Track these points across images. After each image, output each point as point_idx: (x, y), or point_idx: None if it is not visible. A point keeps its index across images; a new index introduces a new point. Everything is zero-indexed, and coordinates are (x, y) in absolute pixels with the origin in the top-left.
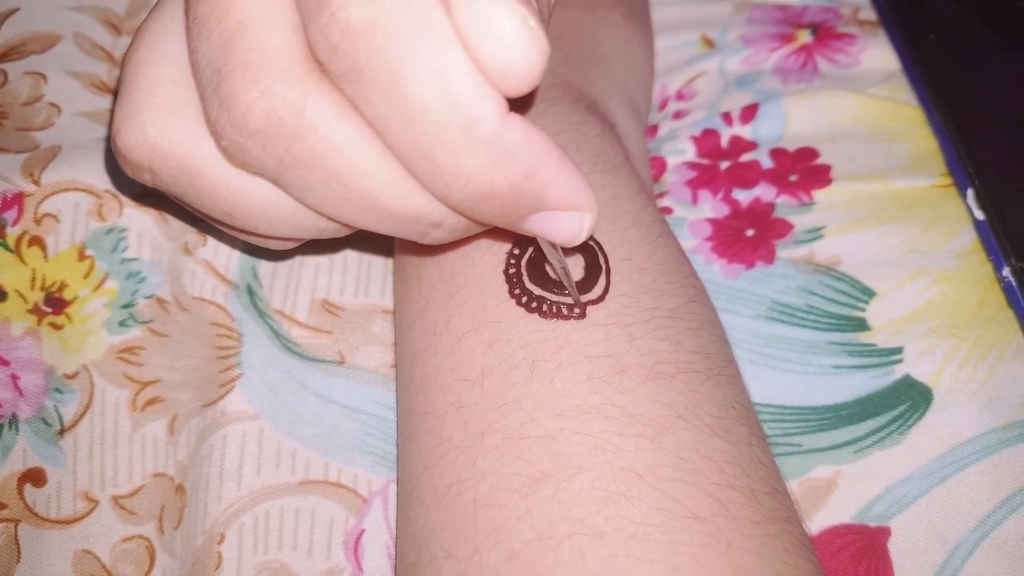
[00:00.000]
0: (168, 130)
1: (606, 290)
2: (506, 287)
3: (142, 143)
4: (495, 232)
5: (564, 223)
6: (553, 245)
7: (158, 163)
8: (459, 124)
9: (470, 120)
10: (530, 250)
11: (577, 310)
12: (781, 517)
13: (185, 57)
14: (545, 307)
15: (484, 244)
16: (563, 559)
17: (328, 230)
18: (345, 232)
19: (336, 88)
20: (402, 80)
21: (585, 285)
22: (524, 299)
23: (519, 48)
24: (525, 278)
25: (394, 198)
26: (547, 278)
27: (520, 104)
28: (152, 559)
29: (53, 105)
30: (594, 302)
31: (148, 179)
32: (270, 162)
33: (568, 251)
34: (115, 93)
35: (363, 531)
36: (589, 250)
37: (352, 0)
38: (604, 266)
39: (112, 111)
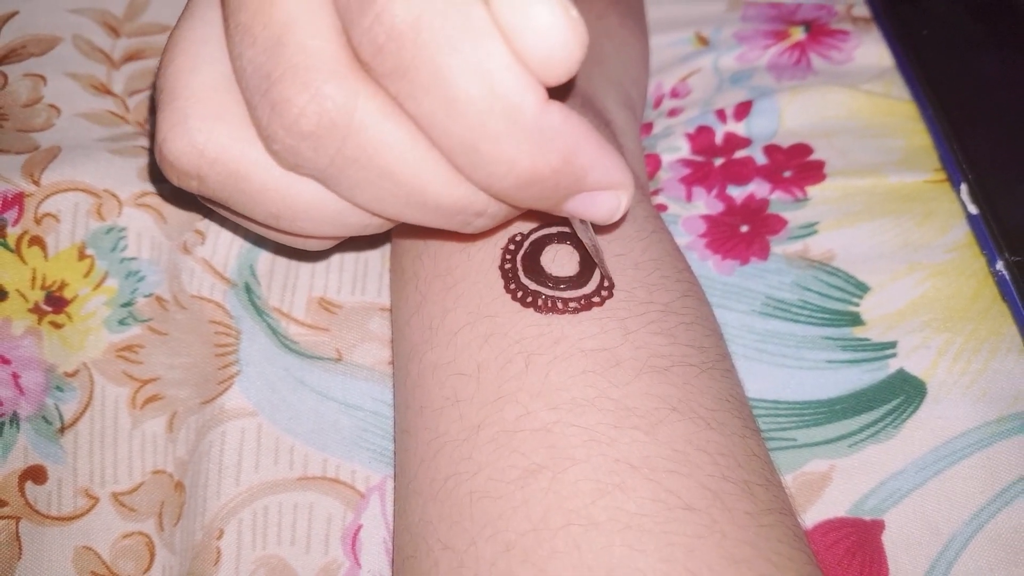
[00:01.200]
0: (215, 135)
1: (607, 288)
2: (502, 282)
3: (190, 149)
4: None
5: (603, 202)
6: (584, 224)
7: (206, 169)
8: (502, 113)
9: (513, 109)
10: (526, 245)
11: (573, 304)
12: (775, 508)
13: (223, 62)
14: (540, 302)
15: (479, 240)
16: (558, 549)
17: (372, 226)
18: (388, 227)
19: (381, 87)
20: (446, 75)
21: (579, 280)
22: (520, 294)
23: (558, 37)
24: (520, 273)
25: (441, 191)
26: (542, 273)
27: (558, 93)
28: (152, 555)
29: (52, 107)
30: (599, 303)
31: (195, 186)
32: (321, 163)
33: (563, 246)
34: (153, 104)
35: (361, 526)
36: (583, 246)
37: (395, 1)
38: (599, 261)
39: (154, 122)
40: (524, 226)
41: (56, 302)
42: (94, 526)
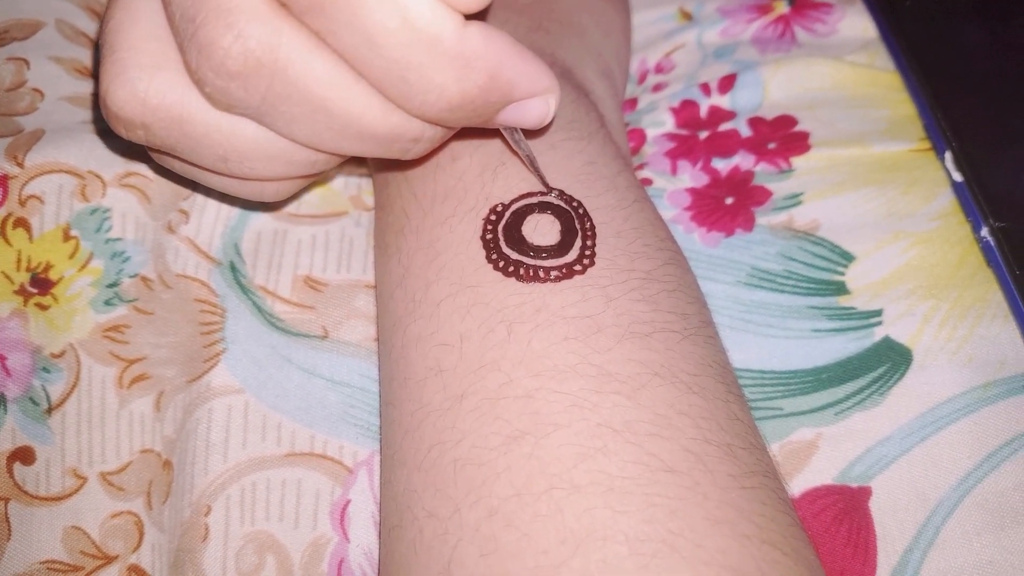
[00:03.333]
0: (155, 83)
1: (588, 256)
2: (483, 252)
3: (132, 98)
4: (470, 199)
5: (533, 109)
6: (515, 134)
7: (150, 116)
8: (422, 43)
9: (432, 37)
10: (507, 215)
11: (554, 273)
12: (758, 471)
13: (160, 13)
14: (522, 271)
15: (461, 212)
16: (541, 513)
17: (319, 162)
18: (336, 162)
19: (304, 24)
20: (362, 10)
21: (561, 249)
22: (501, 263)
23: None
24: (502, 243)
25: (375, 119)
26: (524, 242)
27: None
28: (141, 534)
29: (36, 90)
30: (580, 271)
31: (142, 135)
32: (253, 101)
33: (544, 215)
34: (97, 60)
35: (349, 501)
36: (565, 214)
37: None
38: (580, 230)
39: (97, 75)
40: (505, 197)
41: (42, 284)
42: (83, 506)
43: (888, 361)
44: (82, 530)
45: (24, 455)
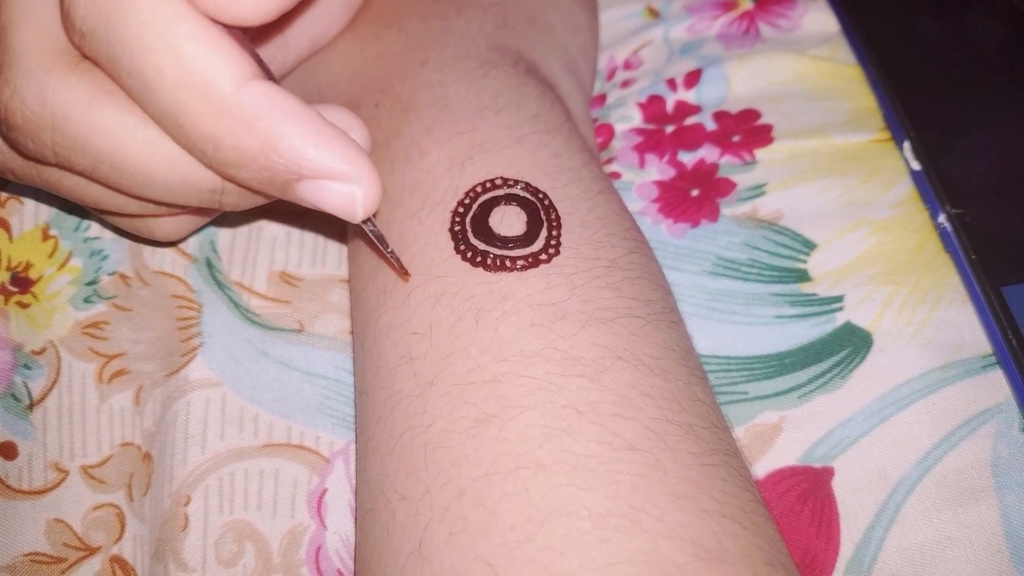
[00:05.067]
0: None
1: (554, 246)
2: (451, 244)
3: None
4: (438, 192)
5: (334, 195)
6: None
7: (9, 163)
8: (194, 89)
9: (204, 85)
10: (474, 207)
11: (521, 262)
12: (719, 450)
13: None
14: (489, 260)
15: (429, 205)
16: (508, 492)
17: (148, 207)
18: (154, 209)
19: (100, 74)
20: (139, 53)
21: (527, 239)
22: (469, 254)
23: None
24: (470, 234)
25: (162, 170)
26: (491, 233)
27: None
28: (122, 525)
29: None
30: (546, 260)
31: (12, 177)
32: (47, 152)
33: (510, 207)
34: None
35: (326, 490)
36: (531, 205)
37: None
38: (546, 221)
39: None
40: (473, 189)
41: (22, 283)
42: (65, 499)
43: (849, 345)
44: (65, 522)
45: (6, 450)
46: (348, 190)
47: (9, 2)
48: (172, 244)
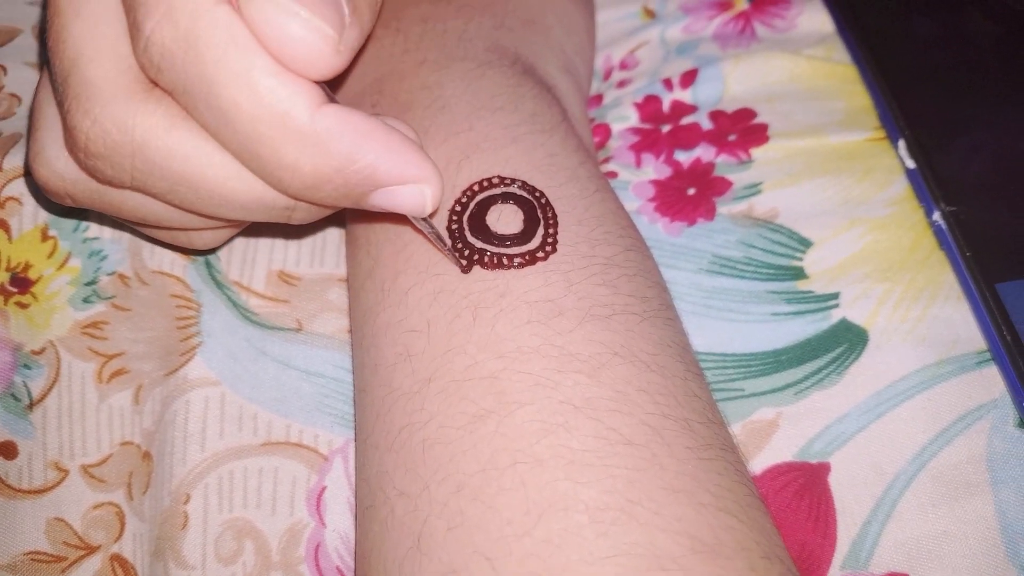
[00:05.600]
0: (70, 161)
1: (551, 243)
2: (449, 242)
3: (52, 176)
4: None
5: (406, 197)
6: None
7: (71, 189)
8: (271, 121)
9: (281, 115)
10: (471, 206)
11: (518, 260)
12: (716, 444)
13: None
14: (487, 259)
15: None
16: (506, 487)
17: (210, 222)
18: (216, 224)
19: (174, 101)
20: (216, 88)
21: (524, 237)
22: (466, 252)
23: (313, 46)
24: (467, 232)
25: (239, 191)
26: (488, 231)
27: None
28: (122, 524)
29: (14, 96)
30: (543, 258)
31: (71, 202)
32: (125, 177)
33: (507, 205)
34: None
35: (325, 488)
36: (528, 204)
37: (162, 23)
38: (543, 219)
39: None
40: (470, 188)
41: (21, 283)
42: (65, 498)
43: (845, 342)
44: (65, 521)
45: (7, 449)
46: (418, 190)
47: (75, 35)
48: (211, 252)
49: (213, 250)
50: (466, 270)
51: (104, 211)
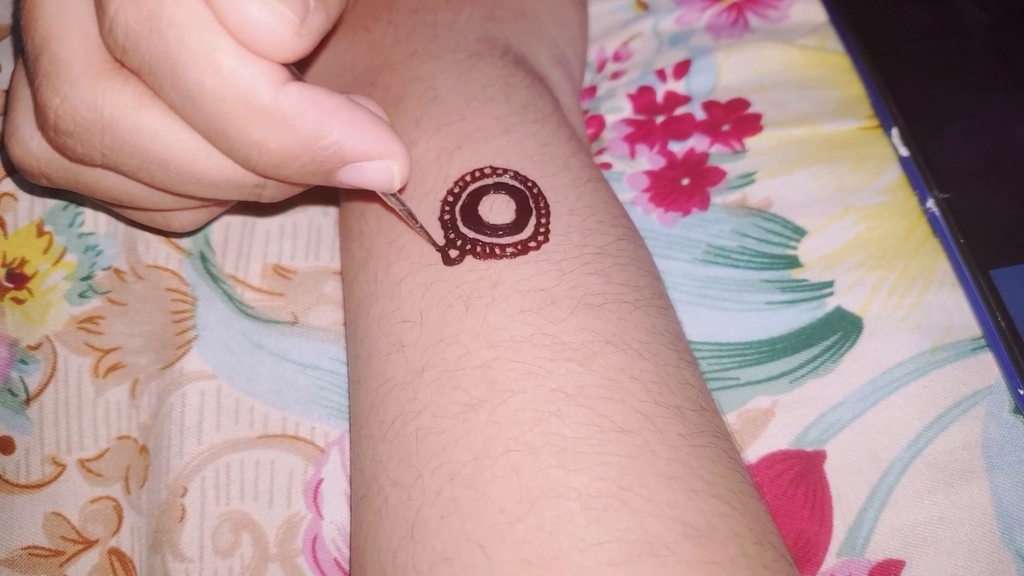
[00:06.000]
0: (43, 140)
1: (543, 233)
2: (441, 232)
3: (28, 156)
4: (428, 182)
5: (374, 173)
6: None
7: (45, 168)
8: (235, 100)
9: (244, 94)
10: (463, 196)
11: (510, 249)
12: (708, 431)
13: None
14: (479, 249)
15: (419, 195)
16: (498, 474)
17: (183, 202)
18: (190, 203)
19: (140, 80)
20: (179, 67)
21: (516, 227)
22: (459, 242)
23: (265, 24)
24: (459, 222)
25: (208, 168)
26: (480, 221)
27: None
28: (120, 518)
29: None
30: (535, 247)
31: (46, 182)
32: (95, 155)
33: (499, 195)
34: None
35: (322, 480)
36: (520, 194)
37: (126, 4)
38: (535, 209)
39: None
40: (462, 179)
41: (17, 278)
42: (62, 492)
43: (840, 330)
44: (62, 516)
45: (4, 444)
46: (385, 166)
47: (46, 15)
48: (189, 234)
49: (190, 233)
50: (443, 251)
51: (79, 191)
